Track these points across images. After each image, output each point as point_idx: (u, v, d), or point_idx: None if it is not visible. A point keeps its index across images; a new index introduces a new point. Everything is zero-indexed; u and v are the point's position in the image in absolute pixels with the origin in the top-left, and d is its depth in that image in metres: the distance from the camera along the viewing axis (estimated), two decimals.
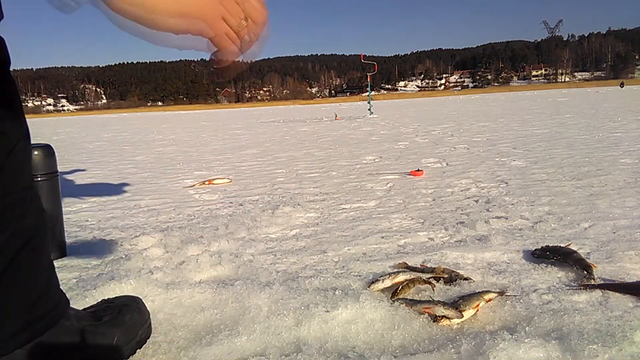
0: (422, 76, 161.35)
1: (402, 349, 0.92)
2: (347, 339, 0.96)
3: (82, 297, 1.17)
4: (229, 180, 3.29)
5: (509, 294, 1.13)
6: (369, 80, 14.02)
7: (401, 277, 1.20)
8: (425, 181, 2.86)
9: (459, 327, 0.99)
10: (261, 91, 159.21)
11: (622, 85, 38.19)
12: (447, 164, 3.54)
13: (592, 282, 1.16)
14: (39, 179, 1.49)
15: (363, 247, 1.62)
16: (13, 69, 0.79)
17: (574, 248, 1.40)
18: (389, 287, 1.19)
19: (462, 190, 2.53)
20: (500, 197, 2.28)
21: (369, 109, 13.12)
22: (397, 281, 1.19)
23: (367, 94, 14.26)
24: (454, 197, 2.39)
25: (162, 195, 2.91)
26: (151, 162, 4.87)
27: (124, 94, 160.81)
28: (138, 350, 0.94)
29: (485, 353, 0.84)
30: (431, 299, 1.08)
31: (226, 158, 4.93)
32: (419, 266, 1.36)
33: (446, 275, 1.24)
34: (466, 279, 1.23)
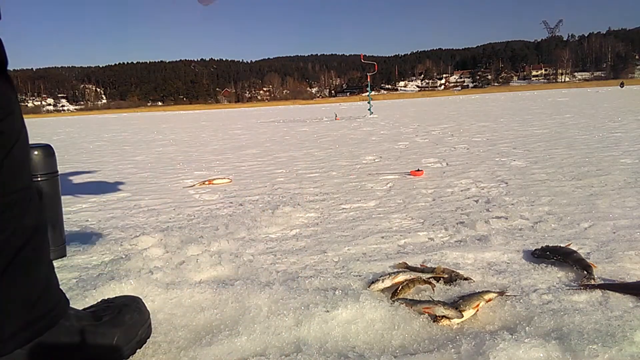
0: (422, 76, 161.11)
1: (402, 349, 0.92)
2: (347, 339, 0.96)
3: (82, 297, 1.17)
4: (229, 180, 3.29)
5: (509, 294, 1.13)
6: (369, 80, 14.04)
7: (401, 277, 1.20)
8: (425, 181, 2.86)
9: (459, 327, 0.99)
10: (261, 91, 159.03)
11: (622, 85, 38.17)
12: (447, 164, 3.54)
13: (592, 282, 1.16)
14: (39, 179, 1.49)
15: (363, 247, 1.61)
16: (13, 69, 0.79)
17: (574, 248, 1.40)
18: (389, 287, 1.19)
19: (462, 190, 2.53)
20: (500, 197, 2.28)
21: (369, 109, 13.13)
22: (397, 281, 1.19)
23: (367, 94, 14.28)
24: (454, 197, 2.39)
25: (162, 195, 2.91)
26: (151, 162, 4.88)
27: (124, 94, 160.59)
28: (138, 350, 0.94)
29: (485, 353, 0.84)
30: (431, 299, 1.08)
31: (226, 158, 4.94)
32: (419, 266, 1.36)
33: (446, 275, 1.24)
34: (466, 279, 1.23)
